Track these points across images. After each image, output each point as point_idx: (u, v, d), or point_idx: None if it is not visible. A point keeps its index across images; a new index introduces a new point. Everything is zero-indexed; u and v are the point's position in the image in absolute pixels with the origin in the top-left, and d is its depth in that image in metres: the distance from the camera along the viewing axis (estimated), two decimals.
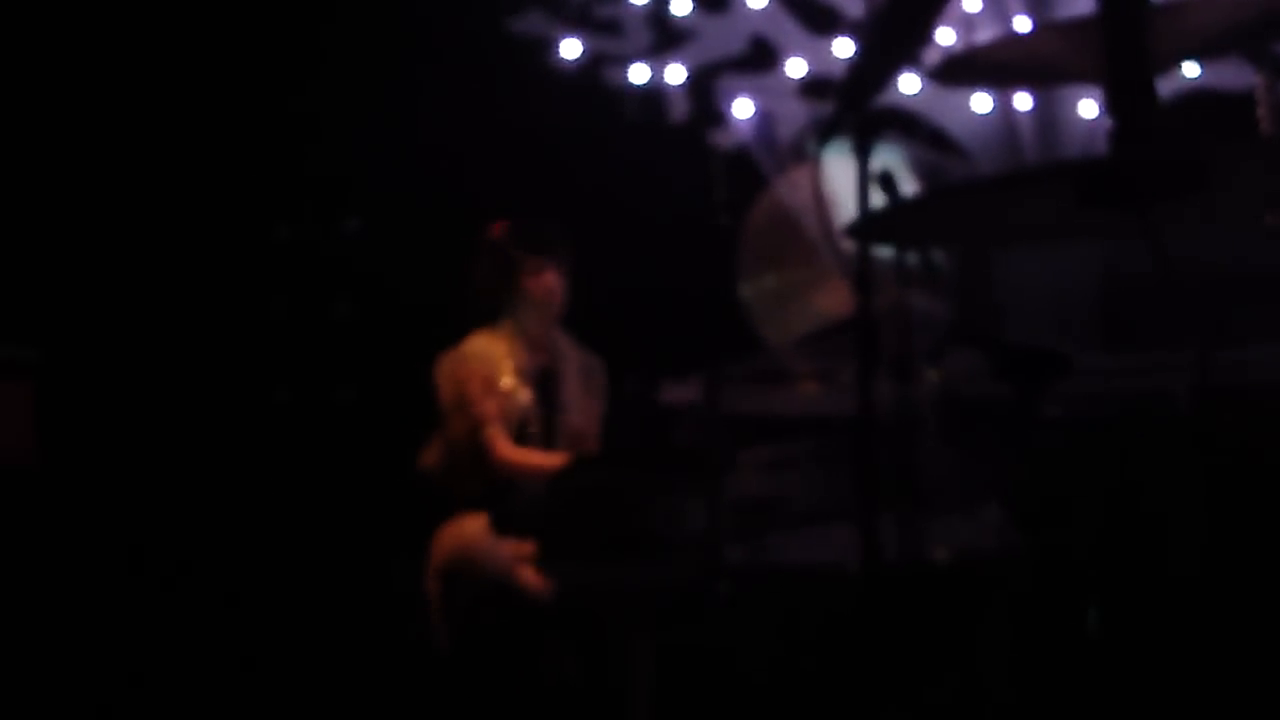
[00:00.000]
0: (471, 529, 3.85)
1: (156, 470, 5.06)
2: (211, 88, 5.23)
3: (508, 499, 3.24)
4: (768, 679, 2.94)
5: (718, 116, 4.28)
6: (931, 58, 4.47)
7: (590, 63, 4.71)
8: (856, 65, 2.16)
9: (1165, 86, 2.00)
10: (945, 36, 4.60)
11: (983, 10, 4.64)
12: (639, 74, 4.68)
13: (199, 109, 5.22)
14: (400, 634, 4.22)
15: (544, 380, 4.13)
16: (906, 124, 4.46)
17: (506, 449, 3.93)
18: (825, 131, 2.18)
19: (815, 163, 2.20)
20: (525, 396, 4.06)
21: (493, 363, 4.03)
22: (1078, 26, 2.06)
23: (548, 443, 4.08)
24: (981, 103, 4.69)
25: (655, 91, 4.69)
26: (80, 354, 5.04)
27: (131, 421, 5.06)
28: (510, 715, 3.83)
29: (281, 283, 5.28)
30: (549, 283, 4.09)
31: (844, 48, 4.62)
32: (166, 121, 5.20)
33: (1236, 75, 4.35)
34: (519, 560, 3.19)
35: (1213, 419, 1.94)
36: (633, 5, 4.71)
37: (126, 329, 5.14)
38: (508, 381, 4.01)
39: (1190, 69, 4.30)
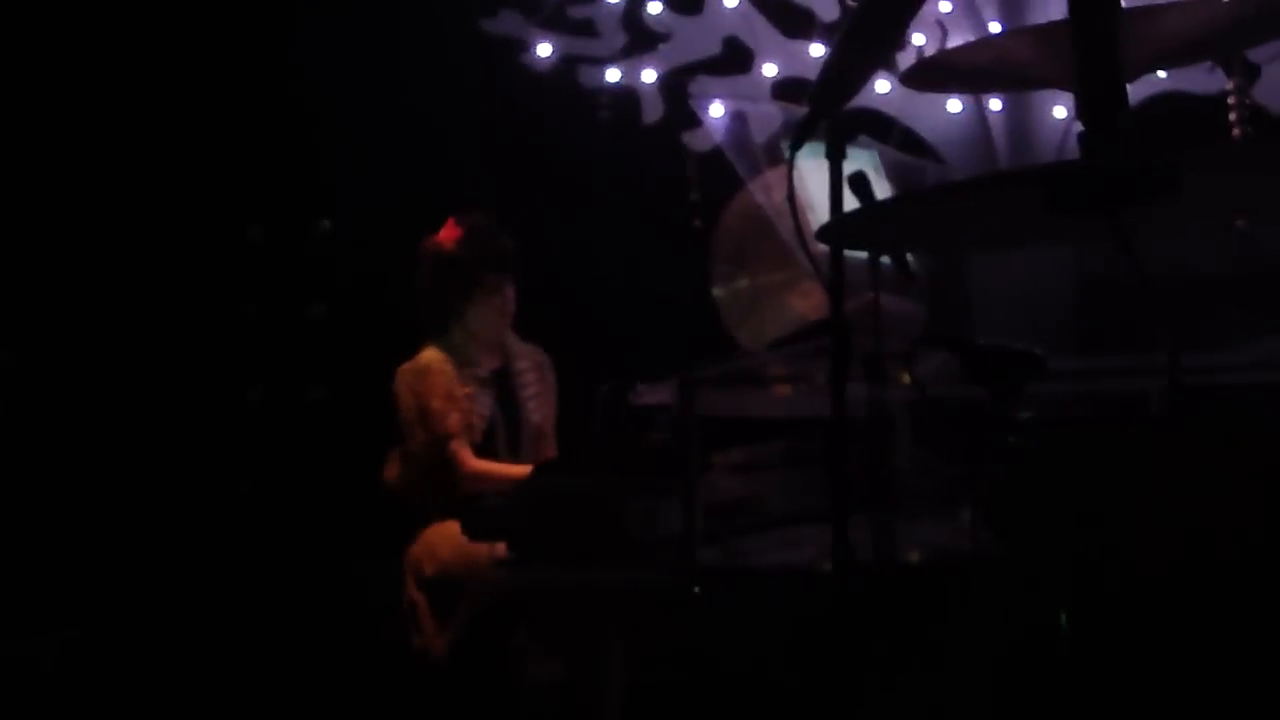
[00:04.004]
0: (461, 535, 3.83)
1: (129, 470, 5.04)
2: (184, 90, 5.22)
3: (478, 504, 3.23)
4: (741, 681, 2.94)
5: (692, 118, 4.27)
6: (905, 61, 4.48)
7: (564, 64, 4.71)
8: (830, 68, 2.16)
9: (1136, 90, 2.01)
10: (919, 40, 4.61)
11: (957, 15, 4.65)
12: (613, 76, 4.68)
13: (172, 111, 5.20)
14: (376, 637, 4.21)
15: (501, 383, 4.13)
16: (880, 126, 4.47)
17: (473, 462, 3.94)
18: (799, 134, 2.18)
19: (789, 165, 2.19)
20: (487, 403, 4.05)
21: (451, 374, 4.02)
22: (1048, 31, 2.07)
23: (513, 444, 4.08)
24: (955, 103, 4.71)
25: (629, 93, 4.69)
26: (51, 356, 5.01)
27: (104, 422, 5.04)
28: (486, 716, 3.82)
29: (254, 283, 5.26)
30: (507, 297, 4.09)
31: (818, 50, 4.63)
32: (139, 124, 5.18)
33: (1207, 80, 4.37)
34: (493, 563, 3.18)
35: (1185, 421, 1.95)
36: (607, 6, 4.70)
37: (99, 330, 5.12)
38: (468, 390, 4.01)
39: (1160, 74, 4.32)
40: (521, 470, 3.84)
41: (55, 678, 4.43)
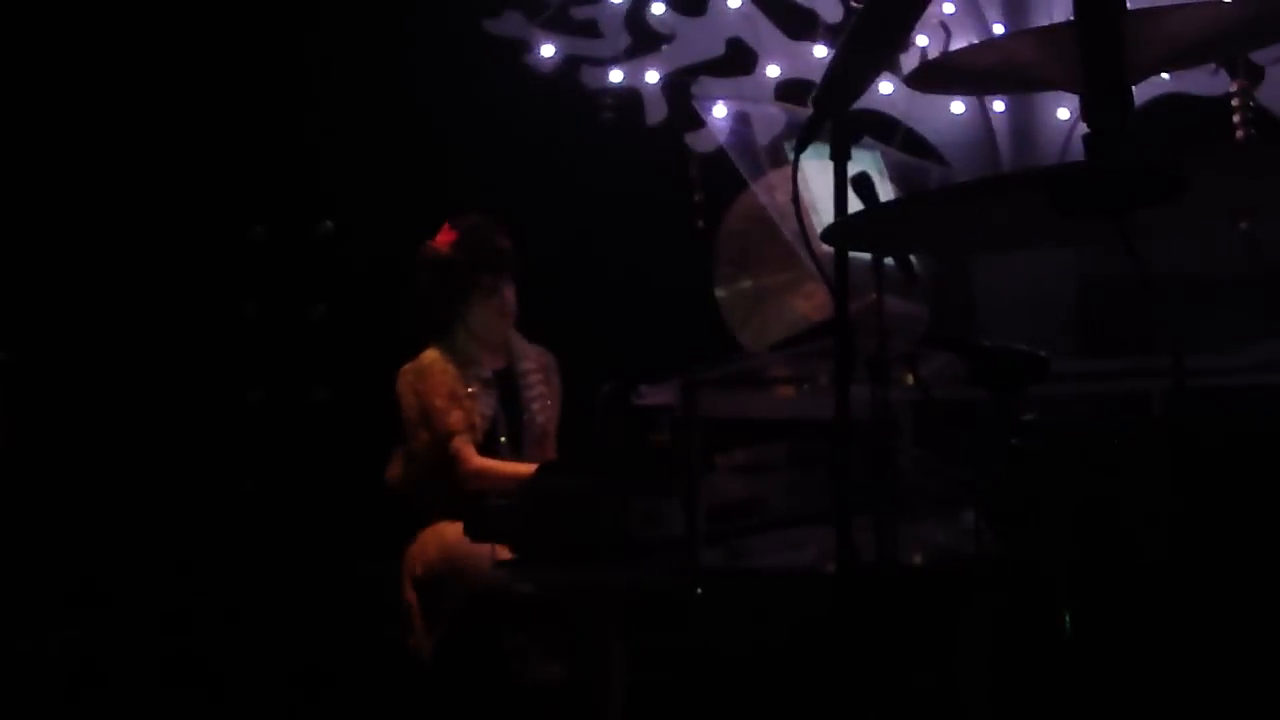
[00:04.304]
0: (453, 536, 3.85)
1: (131, 471, 5.04)
2: (186, 89, 5.22)
3: (481, 505, 3.24)
4: (743, 682, 2.94)
5: (695, 119, 4.27)
6: (909, 62, 4.48)
7: (567, 65, 4.70)
8: (833, 69, 2.16)
9: (1140, 92, 2.01)
10: (922, 42, 4.61)
11: (960, 16, 4.65)
12: (616, 77, 4.68)
13: (175, 112, 5.20)
14: (377, 637, 4.21)
15: (505, 383, 4.13)
16: (883, 128, 4.47)
17: (476, 459, 3.94)
18: (802, 135, 2.18)
19: (793, 166, 2.19)
20: (489, 403, 4.06)
21: (453, 372, 4.02)
22: (1052, 33, 2.07)
23: (515, 444, 4.08)
24: (958, 105, 4.71)
25: (632, 94, 4.68)
26: (52, 355, 5.01)
27: (105, 422, 5.04)
28: (487, 718, 3.82)
29: (257, 284, 5.26)
30: (507, 300, 4.09)
31: (822, 51, 4.62)
32: (142, 124, 5.18)
33: (1212, 82, 4.37)
34: (494, 564, 3.18)
35: (1187, 423, 1.95)
36: (610, 6, 4.70)
37: (100, 330, 5.12)
38: (471, 389, 4.02)
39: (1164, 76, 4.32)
40: (525, 469, 3.84)
41: (55, 678, 4.43)
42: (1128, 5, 1.86)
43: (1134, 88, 1.90)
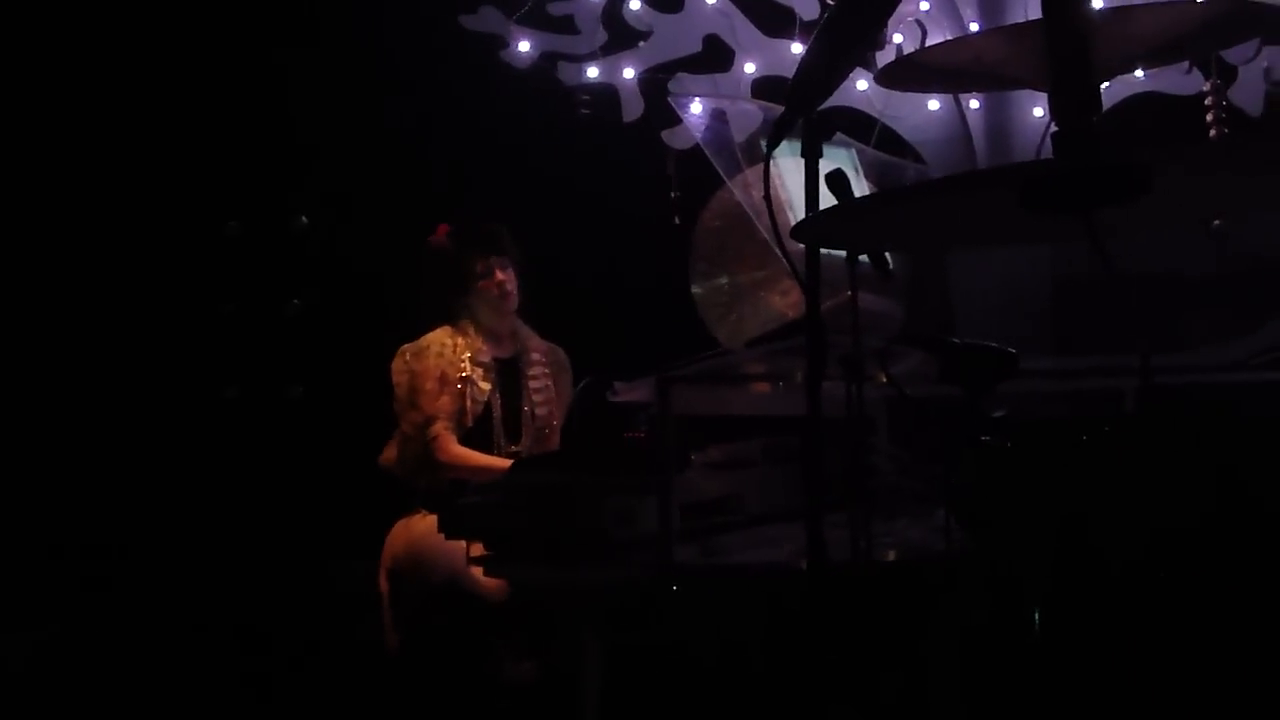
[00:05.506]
0: (420, 530, 3.86)
1: (106, 469, 5.02)
2: (162, 86, 5.20)
3: (456, 500, 3.23)
4: (719, 679, 2.94)
5: (671, 116, 4.27)
6: (886, 60, 4.48)
7: (544, 61, 4.70)
8: (806, 66, 2.15)
9: (1114, 91, 2.02)
10: (898, 39, 4.61)
11: (936, 15, 4.66)
12: (593, 73, 4.67)
13: (150, 108, 5.19)
14: (351, 633, 4.21)
15: (507, 371, 4.15)
16: (859, 125, 4.48)
17: (452, 447, 3.95)
18: (775, 132, 2.17)
19: (768, 163, 2.19)
20: (485, 388, 4.07)
21: (451, 357, 4.04)
22: (1022, 30, 2.07)
23: (511, 434, 4.10)
24: (935, 102, 4.71)
25: (609, 90, 4.68)
26: (28, 353, 4.99)
27: (81, 420, 5.02)
28: (460, 716, 3.82)
29: (232, 280, 5.25)
30: (501, 280, 4.12)
31: (799, 49, 4.63)
32: (117, 121, 5.16)
33: (1185, 81, 4.38)
34: (469, 561, 3.18)
35: (1158, 421, 1.95)
36: (587, 3, 4.69)
37: (76, 327, 5.10)
38: (468, 372, 4.03)
39: (1137, 74, 4.34)
40: (499, 463, 3.86)
41: (30, 677, 4.41)
42: (1100, 3, 1.87)
43: (1108, 86, 1.90)
